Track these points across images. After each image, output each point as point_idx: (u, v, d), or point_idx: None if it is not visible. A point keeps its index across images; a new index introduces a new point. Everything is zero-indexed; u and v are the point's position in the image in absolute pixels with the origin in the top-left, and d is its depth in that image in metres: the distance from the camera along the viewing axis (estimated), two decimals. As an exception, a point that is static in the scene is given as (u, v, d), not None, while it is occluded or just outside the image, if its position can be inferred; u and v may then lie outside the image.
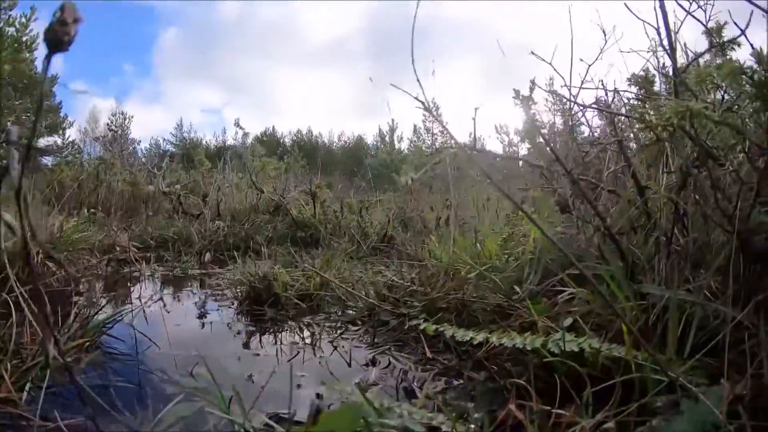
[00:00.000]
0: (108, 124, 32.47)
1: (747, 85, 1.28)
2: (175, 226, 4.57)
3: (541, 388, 1.14)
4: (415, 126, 37.37)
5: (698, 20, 1.93)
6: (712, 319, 1.26)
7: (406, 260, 2.74)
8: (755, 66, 1.24)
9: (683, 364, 1.13)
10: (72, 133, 26.71)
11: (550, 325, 1.44)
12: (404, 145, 34.78)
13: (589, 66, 2.47)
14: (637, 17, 2.03)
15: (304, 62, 68.01)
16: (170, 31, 68.35)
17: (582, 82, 2.47)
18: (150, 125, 65.28)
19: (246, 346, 1.77)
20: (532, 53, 2.62)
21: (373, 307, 1.96)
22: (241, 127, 13.32)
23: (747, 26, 1.75)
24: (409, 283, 2.02)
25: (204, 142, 40.60)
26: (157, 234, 4.46)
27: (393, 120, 27.76)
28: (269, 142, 39.58)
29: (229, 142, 41.22)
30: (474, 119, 2.24)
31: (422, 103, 1.38)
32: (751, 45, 1.80)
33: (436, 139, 35.54)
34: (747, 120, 1.45)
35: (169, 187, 5.90)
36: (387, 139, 20.57)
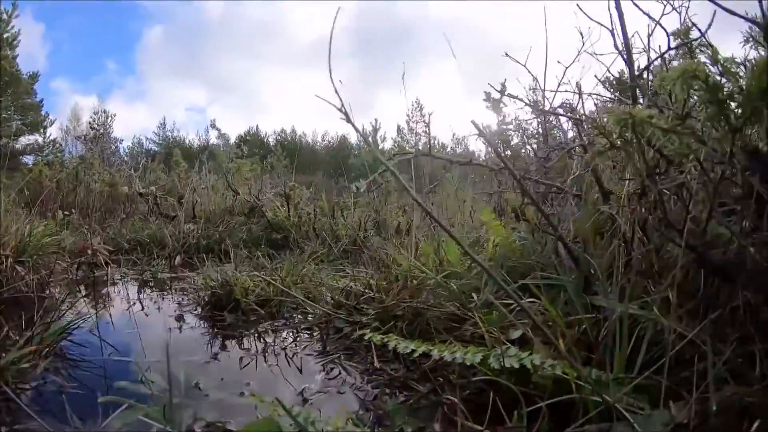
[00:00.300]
0: (90, 123, 32.09)
1: (700, 90, 1.22)
2: (149, 228, 4.57)
3: (483, 404, 1.17)
4: (398, 126, 37.43)
5: (654, 23, 1.94)
6: (667, 335, 1.20)
7: (373, 264, 2.78)
8: (710, 69, 1.22)
9: (631, 383, 1.11)
10: (53, 132, 26.41)
11: (498, 337, 1.45)
12: (388, 145, 34.81)
13: (566, 68, 2.51)
14: (591, 19, 2.05)
15: (290, 62, 67.78)
16: (155, 29, 67.81)
17: (558, 84, 2.52)
18: (133, 124, 64.79)
19: (200, 352, 1.80)
20: (506, 55, 2.67)
21: (330, 314, 2.00)
22: (216, 128, 13.25)
23: (708, 27, 1.76)
24: (365, 290, 2.05)
25: (187, 142, 40.34)
26: (131, 236, 4.47)
27: (376, 120, 27.76)
28: (252, 142, 39.43)
29: (213, 141, 41.04)
30: (428, 124, 2.27)
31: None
32: (711, 45, 1.83)
33: (420, 138, 35.65)
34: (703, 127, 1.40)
35: (145, 188, 5.90)
36: (370, 139, 20.58)
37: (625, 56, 1.80)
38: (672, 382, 1.08)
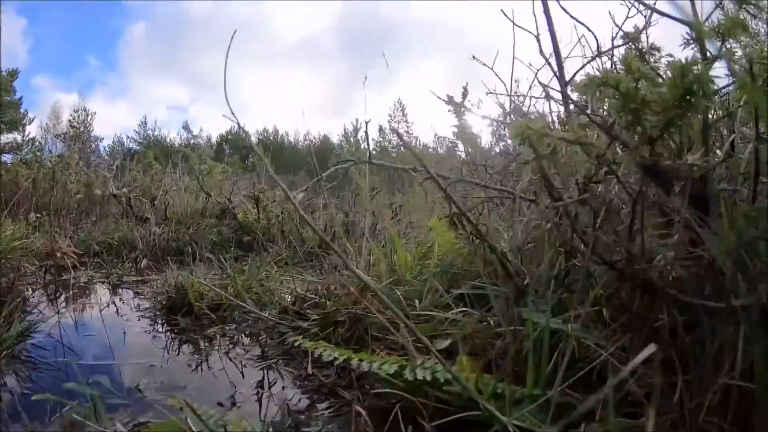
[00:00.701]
0: (70, 121, 31.84)
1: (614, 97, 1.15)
2: (120, 230, 4.64)
3: (406, 416, 1.21)
4: (380, 126, 37.56)
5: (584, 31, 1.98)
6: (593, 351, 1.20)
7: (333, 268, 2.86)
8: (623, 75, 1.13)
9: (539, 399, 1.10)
10: (32, 130, 26.19)
11: (422, 347, 1.51)
12: (370, 145, 34.80)
13: (537, 71, 2.59)
14: (517, 25, 2.07)
15: (273, 61, 67.58)
16: (138, 25, 67.20)
17: (530, 87, 2.59)
18: (115, 121, 64.21)
19: (149, 355, 1.89)
20: (474, 58, 2.74)
21: (274, 320, 2.09)
22: (189, 130, 13.29)
23: (645, 27, 1.81)
24: (312, 295, 2.16)
25: (168, 140, 40.13)
26: (102, 238, 4.53)
27: (357, 120, 27.83)
28: (234, 141, 39.35)
29: (194, 141, 40.88)
30: (366, 132, 2.38)
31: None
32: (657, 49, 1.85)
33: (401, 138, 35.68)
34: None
35: (118, 189, 5.95)
36: (351, 139, 20.72)
37: (554, 65, 1.76)
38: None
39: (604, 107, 1.59)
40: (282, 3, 72.40)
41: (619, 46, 1.86)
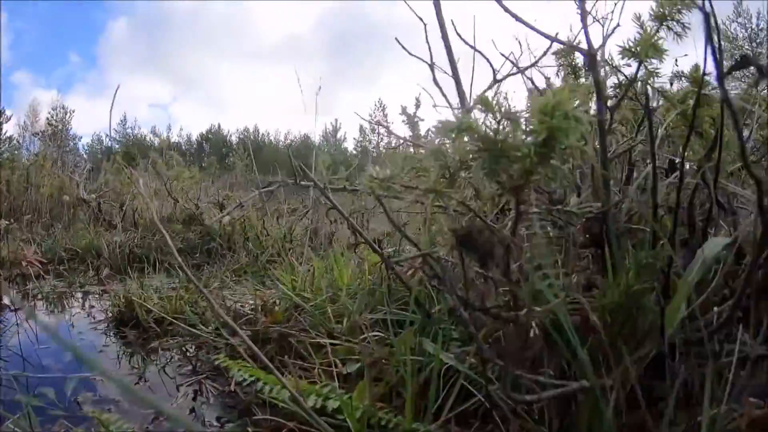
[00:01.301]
0: (48, 119, 31.53)
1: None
2: (87, 237, 4.76)
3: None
4: (360, 126, 37.72)
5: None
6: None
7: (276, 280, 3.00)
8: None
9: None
10: (10, 128, 25.90)
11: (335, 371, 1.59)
12: (350, 145, 35.06)
13: (502, 80, 2.71)
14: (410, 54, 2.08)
15: (256, 59, 67.33)
16: (119, 21, 66.49)
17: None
18: (95, 119, 63.67)
19: (92, 368, 2.05)
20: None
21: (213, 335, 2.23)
22: (157, 135, 13.35)
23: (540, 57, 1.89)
24: (249, 311, 2.32)
25: (148, 139, 39.94)
26: (69, 245, 4.66)
27: (336, 120, 27.99)
28: (214, 140, 39.33)
29: (174, 139, 40.72)
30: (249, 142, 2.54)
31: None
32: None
33: (381, 138, 36.03)
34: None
35: (89, 194, 6.07)
36: (331, 140, 20.94)
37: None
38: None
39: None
40: (266, 2, 72.05)
41: (522, 69, 1.88)
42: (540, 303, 1.07)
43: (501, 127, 0.93)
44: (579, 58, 1.99)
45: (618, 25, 1.53)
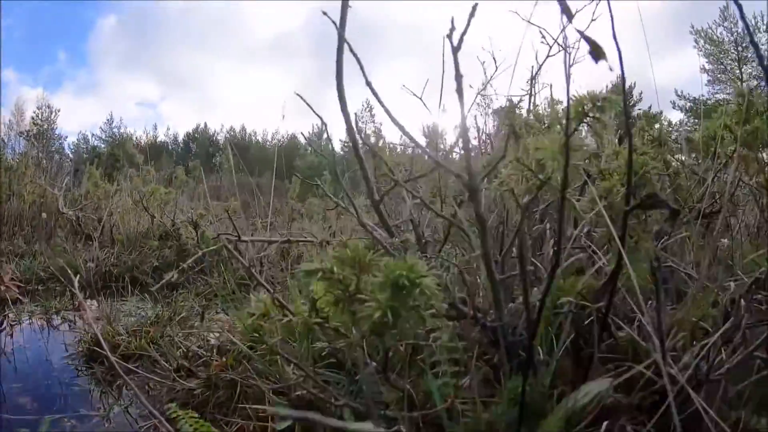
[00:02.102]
0: (33, 118, 31.27)
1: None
2: (65, 256, 4.91)
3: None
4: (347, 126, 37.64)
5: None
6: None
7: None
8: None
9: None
10: (-6, 128, 25.74)
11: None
12: (337, 146, 35.04)
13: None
14: None
15: (246, 58, 67.06)
16: (109, 19, 65.97)
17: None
18: (83, 117, 63.32)
19: (62, 407, 2.22)
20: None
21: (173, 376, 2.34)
22: (135, 146, 13.46)
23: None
24: (206, 352, 2.50)
25: (134, 138, 39.81)
26: (47, 263, 4.80)
27: (321, 120, 27.97)
28: (201, 140, 39.26)
29: (161, 138, 40.68)
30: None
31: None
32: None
33: (369, 139, 36.07)
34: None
35: (68, 208, 6.20)
36: (315, 143, 21.07)
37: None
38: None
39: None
40: (256, 1, 71.62)
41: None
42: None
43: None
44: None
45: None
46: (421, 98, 2.19)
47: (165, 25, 65.04)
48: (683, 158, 3.13)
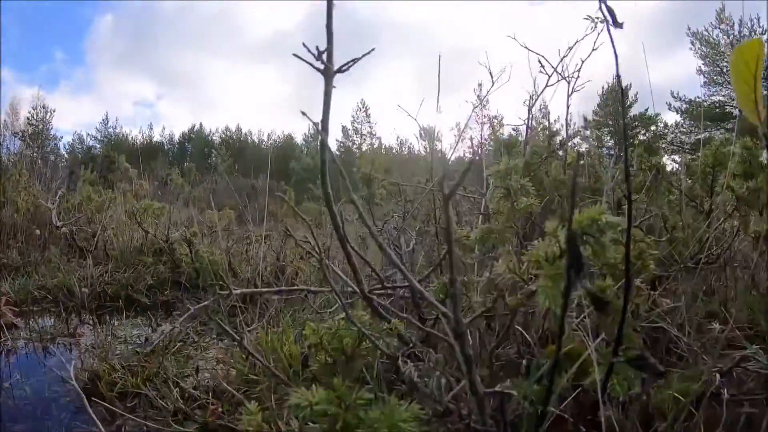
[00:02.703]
0: (28, 119, 31.14)
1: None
2: (59, 275, 4.91)
3: None
4: (343, 126, 37.76)
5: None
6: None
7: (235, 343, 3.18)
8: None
9: None
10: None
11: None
12: (333, 146, 35.17)
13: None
14: None
15: (242, 57, 66.93)
16: (106, 17, 65.70)
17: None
18: (80, 116, 63.19)
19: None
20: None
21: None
22: (131, 145, 13.40)
23: None
24: (203, 394, 2.52)
25: (129, 139, 39.75)
26: (41, 282, 4.81)
27: (318, 123, 28.02)
28: (197, 140, 39.16)
29: (156, 138, 40.58)
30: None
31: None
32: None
33: (364, 140, 36.33)
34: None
35: (61, 221, 6.20)
36: (311, 142, 21.01)
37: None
38: None
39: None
40: (253, 0, 71.49)
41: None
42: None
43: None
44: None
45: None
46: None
47: (162, 24, 64.95)
48: (682, 187, 3.18)
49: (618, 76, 1.12)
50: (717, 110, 27.36)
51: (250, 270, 4.93)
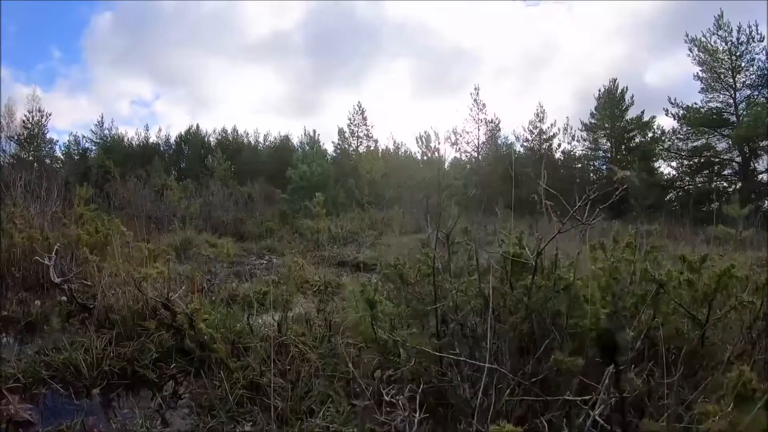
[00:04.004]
0: (24, 122, 30.88)
1: None
2: (64, 351, 4.89)
3: None
4: (340, 129, 37.54)
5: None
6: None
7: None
8: None
9: None
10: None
11: None
12: (329, 148, 35.16)
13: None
14: None
15: (240, 56, 66.44)
16: (104, 15, 65.09)
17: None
18: (76, 115, 62.86)
19: None
20: None
21: None
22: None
23: None
24: None
25: (126, 140, 39.55)
26: (47, 358, 4.80)
27: (314, 131, 27.90)
28: (193, 142, 38.94)
29: (152, 139, 40.41)
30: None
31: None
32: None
33: (361, 142, 36.19)
34: None
35: (61, 279, 6.18)
36: (307, 149, 20.92)
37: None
38: None
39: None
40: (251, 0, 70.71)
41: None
42: None
43: None
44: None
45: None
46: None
47: (160, 22, 64.20)
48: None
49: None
50: (714, 116, 27.41)
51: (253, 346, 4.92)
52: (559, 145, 34.85)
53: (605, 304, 2.85)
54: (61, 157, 35.51)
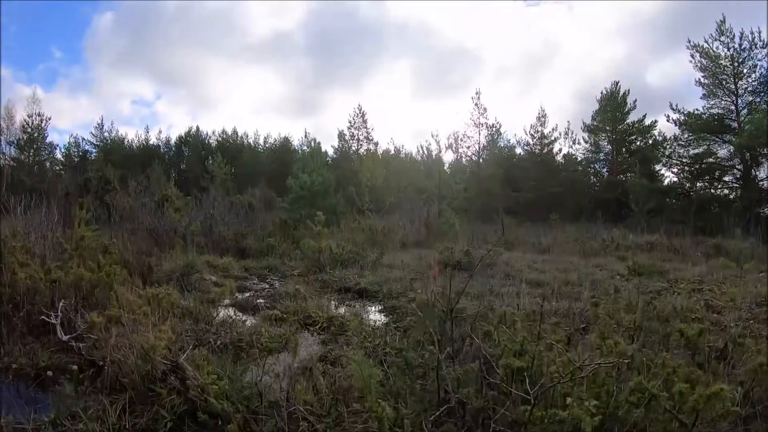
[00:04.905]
0: (23, 126, 30.67)
1: None
2: (79, 420, 4.86)
3: None
4: (340, 132, 37.36)
5: None
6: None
7: None
8: None
9: None
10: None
11: None
12: (329, 150, 35.04)
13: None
14: None
15: (242, 56, 65.91)
16: (106, 15, 64.58)
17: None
18: (77, 115, 62.67)
19: None
20: None
21: None
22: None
23: None
24: None
25: (126, 142, 39.38)
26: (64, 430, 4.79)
27: (315, 139, 27.73)
28: (194, 143, 38.74)
29: (152, 141, 40.26)
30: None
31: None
32: None
33: (361, 145, 36.05)
34: None
35: (68, 337, 6.15)
36: (308, 157, 20.79)
37: None
38: None
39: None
40: (252, 0, 70.11)
41: None
42: None
43: None
44: None
45: None
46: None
47: (162, 22, 63.72)
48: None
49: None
50: (716, 123, 27.31)
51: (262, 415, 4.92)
52: (560, 150, 34.73)
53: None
54: (62, 159, 35.49)
